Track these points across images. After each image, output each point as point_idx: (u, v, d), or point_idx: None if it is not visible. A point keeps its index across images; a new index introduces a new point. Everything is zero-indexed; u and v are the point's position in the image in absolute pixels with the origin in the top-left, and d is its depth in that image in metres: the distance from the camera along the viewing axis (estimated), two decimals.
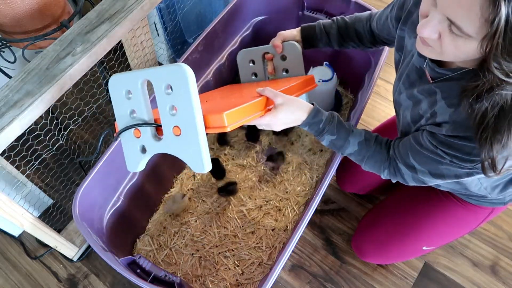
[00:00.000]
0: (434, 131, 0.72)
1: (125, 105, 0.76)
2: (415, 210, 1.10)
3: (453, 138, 0.69)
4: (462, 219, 1.03)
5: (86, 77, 1.00)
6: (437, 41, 0.60)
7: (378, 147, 0.87)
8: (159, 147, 0.74)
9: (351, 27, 1.03)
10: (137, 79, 0.73)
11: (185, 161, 0.71)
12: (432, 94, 0.74)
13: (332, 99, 1.50)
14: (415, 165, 0.78)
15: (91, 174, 1.02)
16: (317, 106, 0.86)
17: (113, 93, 0.76)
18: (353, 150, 0.88)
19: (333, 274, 1.32)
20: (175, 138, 0.70)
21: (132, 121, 0.75)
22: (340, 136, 0.87)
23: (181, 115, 0.68)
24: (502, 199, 0.94)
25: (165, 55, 1.62)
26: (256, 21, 1.43)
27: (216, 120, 0.72)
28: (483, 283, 1.31)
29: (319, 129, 0.86)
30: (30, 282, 1.33)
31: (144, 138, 0.75)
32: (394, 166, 0.84)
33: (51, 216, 1.38)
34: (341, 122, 0.87)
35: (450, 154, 0.70)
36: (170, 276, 0.96)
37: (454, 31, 0.56)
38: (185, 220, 1.34)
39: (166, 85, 0.69)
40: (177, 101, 0.68)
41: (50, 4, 1.06)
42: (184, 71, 0.66)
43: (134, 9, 0.95)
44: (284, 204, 1.36)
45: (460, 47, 0.58)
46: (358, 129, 0.88)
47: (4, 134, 0.78)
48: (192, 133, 0.68)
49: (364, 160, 0.89)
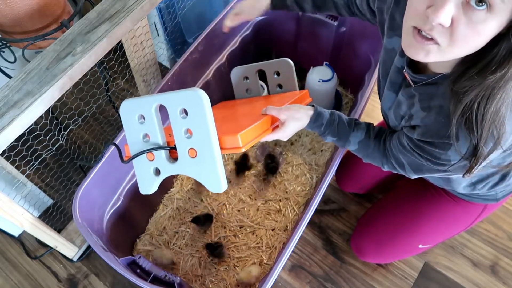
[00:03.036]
0: (409, 134, 0.75)
1: (137, 130, 0.76)
2: (408, 208, 1.12)
3: (423, 142, 0.71)
4: (455, 215, 1.04)
5: (86, 77, 1.00)
6: (447, 30, 0.54)
7: (377, 145, 0.89)
8: (173, 169, 0.74)
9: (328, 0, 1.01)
10: (151, 104, 0.73)
11: (202, 182, 0.72)
12: (412, 97, 0.75)
13: (332, 99, 1.50)
14: (403, 162, 0.81)
15: (91, 174, 1.02)
16: (317, 109, 0.87)
17: (124, 117, 0.77)
18: (353, 148, 0.91)
19: (333, 274, 1.32)
20: (191, 159, 0.71)
21: (145, 145, 0.76)
22: (341, 138, 0.89)
23: (197, 138, 0.70)
24: (494, 195, 0.94)
25: (165, 55, 1.62)
26: (256, 21, 1.43)
27: (231, 141, 0.73)
28: (483, 283, 1.31)
29: (320, 131, 0.89)
30: (30, 282, 1.33)
31: (158, 161, 0.76)
32: (391, 161, 0.87)
33: (51, 216, 1.37)
34: (342, 122, 0.89)
35: (424, 157, 0.73)
36: (170, 276, 0.96)
37: (474, 6, 0.51)
38: (185, 220, 1.34)
39: (181, 109, 0.70)
40: (193, 124, 0.69)
41: (50, 4, 1.06)
42: (200, 97, 0.67)
43: (134, 9, 0.95)
44: (284, 204, 1.36)
45: (479, 29, 0.52)
46: (360, 126, 0.90)
47: (4, 134, 0.78)
48: (209, 155, 0.69)
49: (365, 157, 0.92)
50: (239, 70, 1.22)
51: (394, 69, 0.81)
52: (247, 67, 1.19)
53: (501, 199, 0.96)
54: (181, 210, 1.36)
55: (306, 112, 0.86)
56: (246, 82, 1.22)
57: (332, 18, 1.35)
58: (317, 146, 1.47)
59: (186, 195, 1.39)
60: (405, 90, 0.77)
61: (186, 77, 1.25)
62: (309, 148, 1.47)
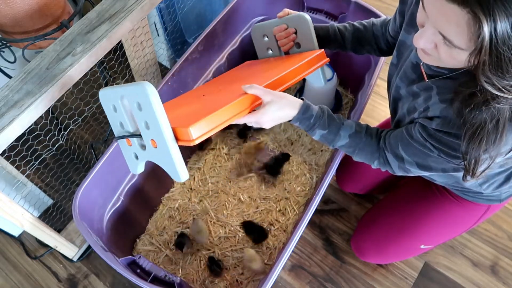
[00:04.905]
0: (425, 124, 0.73)
1: (114, 118, 0.80)
2: (411, 209, 1.11)
3: (442, 133, 0.70)
4: (458, 216, 1.03)
5: (86, 77, 1.00)
6: (434, 49, 0.62)
7: (368, 139, 0.87)
8: (146, 156, 0.78)
9: (369, 30, 1.01)
10: (117, 95, 0.75)
11: (166, 170, 0.74)
12: (428, 90, 0.75)
13: (332, 99, 1.50)
14: (403, 156, 0.80)
15: (91, 174, 1.02)
16: (306, 102, 0.85)
17: (104, 106, 0.81)
18: (344, 142, 0.88)
19: (333, 274, 1.32)
20: (154, 149, 0.74)
21: (122, 131, 0.80)
22: (331, 130, 0.86)
23: (153, 130, 0.71)
24: (498, 196, 0.94)
25: (165, 55, 1.62)
26: (256, 21, 1.43)
27: (183, 133, 0.72)
28: (483, 283, 1.31)
29: (310, 124, 0.85)
30: (30, 282, 1.33)
31: (134, 147, 0.80)
32: (383, 156, 0.86)
33: (51, 216, 1.37)
34: (331, 116, 0.87)
35: (438, 148, 0.71)
36: (170, 276, 0.96)
37: (447, 43, 0.58)
38: (185, 220, 1.34)
39: (137, 102, 0.71)
40: (147, 117, 0.71)
41: (50, 4, 1.06)
42: (145, 92, 0.67)
43: (134, 9, 0.95)
44: (284, 204, 1.36)
45: (456, 57, 0.59)
46: (348, 121, 0.88)
47: (4, 134, 0.78)
48: (164, 147, 0.71)
49: (355, 152, 0.89)
50: (257, 29, 1.13)
51: (409, 64, 0.81)
52: (264, 24, 1.10)
53: (504, 200, 0.96)
54: (181, 210, 1.36)
55: (294, 102, 0.83)
56: (266, 40, 1.12)
57: (332, 18, 1.35)
58: (317, 146, 1.47)
59: (186, 195, 1.39)
60: (421, 84, 0.78)
61: (186, 77, 1.25)
62: (309, 148, 1.47)
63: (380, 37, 1.01)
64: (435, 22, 0.58)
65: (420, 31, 0.62)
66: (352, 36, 1.02)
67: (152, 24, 1.47)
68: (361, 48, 1.04)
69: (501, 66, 0.52)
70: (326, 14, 1.35)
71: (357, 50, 1.05)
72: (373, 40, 1.02)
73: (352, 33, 1.02)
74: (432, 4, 0.57)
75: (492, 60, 0.52)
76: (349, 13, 1.31)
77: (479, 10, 0.50)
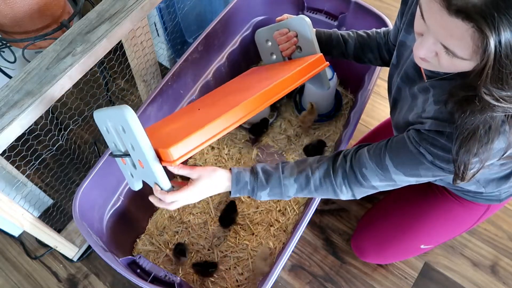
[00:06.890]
0: (418, 128, 0.72)
1: (108, 138, 0.82)
2: (411, 209, 1.11)
3: (434, 133, 0.69)
4: (458, 216, 1.03)
5: (86, 77, 1.00)
6: (435, 57, 0.61)
7: (315, 165, 0.82)
8: (138, 174, 0.81)
9: (372, 38, 1.01)
10: (105, 118, 0.77)
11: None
12: (427, 92, 0.75)
13: (332, 99, 1.50)
14: (388, 166, 0.76)
15: (91, 174, 1.02)
16: (235, 170, 0.82)
17: (99, 127, 0.83)
18: (294, 190, 0.83)
19: (333, 274, 1.32)
20: (142, 169, 0.76)
21: (116, 150, 0.83)
22: (273, 185, 0.82)
23: (138, 152, 0.72)
24: (497, 196, 0.94)
25: (165, 55, 1.62)
26: (256, 21, 1.43)
27: (165, 155, 0.72)
28: (483, 283, 1.31)
29: (249, 191, 0.82)
30: (30, 282, 1.33)
31: (128, 166, 0.82)
32: (349, 178, 0.80)
33: (51, 216, 1.37)
34: (267, 171, 0.83)
35: (433, 152, 0.69)
36: (170, 276, 0.96)
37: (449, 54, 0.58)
38: (185, 220, 1.34)
39: (121, 126, 0.72)
40: (131, 140, 0.71)
41: (50, 4, 1.06)
42: (124, 116, 0.67)
43: (134, 9, 0.95)
44: (284, 204, 1.36)
45: (458, 66, 0.59)
46: (287, 165, 0.84)
47: (4, 134, 0.78)
48: (149, 168, 0.73)
49: (312, 193, 0.83)
50: (260, 33, 1.11)
51: (410, 64, 0.81)
52: (266, 29, 1.09)
53: (504, 200, 0.96)
54: (181, 210, 1.36)
55: (223, 174, 0.80)
56: (269, 45, 1.11)
57: (332, 18, 1.35)
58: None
59: None
60: (420, 85, 0.77)
61: (186, 77, 1.25)
62: None
63: (383, 45, 1.01)
64: (436, 34, 0.57)
65: (420, 40, 0.61)
66: (355, 43, 1.02)
67: (152, 24, 1.47)
68: (363, 56, 1.03)
69: (501, 78, 0.52)
70: (326, 14, 1.35)
71: (359, 57, 1.04)
72: (376, 48, 1.01)
73: (355, 39, 1.02)
74: (433, 17, 0.56)
75: (494, 72, 0.52)
76: (349, 13, 1.31)
77: (484, 25, 0.49)
